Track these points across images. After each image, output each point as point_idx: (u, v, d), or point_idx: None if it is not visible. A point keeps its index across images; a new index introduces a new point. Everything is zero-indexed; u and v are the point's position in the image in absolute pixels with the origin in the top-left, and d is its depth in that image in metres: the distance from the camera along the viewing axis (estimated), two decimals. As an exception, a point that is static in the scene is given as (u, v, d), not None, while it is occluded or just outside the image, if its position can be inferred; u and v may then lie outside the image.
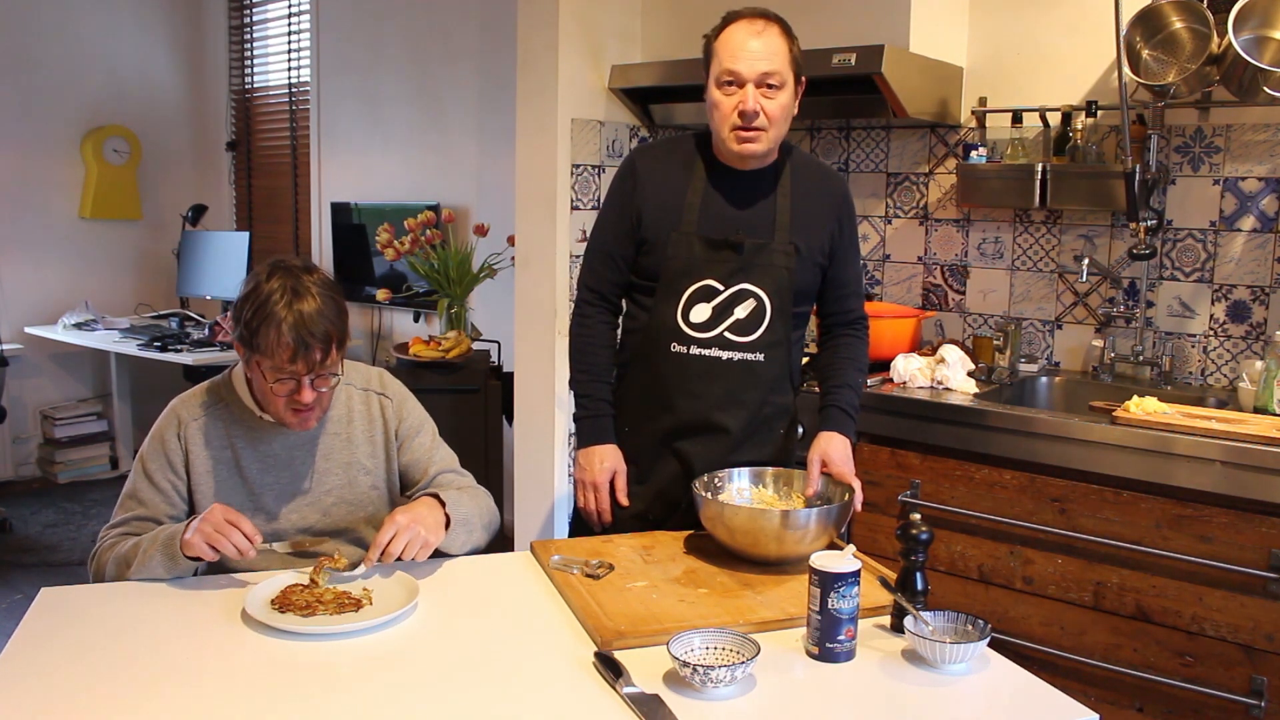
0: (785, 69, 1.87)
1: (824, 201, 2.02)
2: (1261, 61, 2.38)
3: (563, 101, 3.15)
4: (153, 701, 1.31)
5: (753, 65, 1.85)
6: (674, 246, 1.95)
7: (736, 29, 1.88)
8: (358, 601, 1.60)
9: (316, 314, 1.69)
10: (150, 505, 1.78)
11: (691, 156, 2.00)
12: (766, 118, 1.87)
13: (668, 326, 1.96)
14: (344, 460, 1.88)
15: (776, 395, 2.02)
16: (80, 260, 5.55)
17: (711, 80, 1.90)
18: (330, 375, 1.76)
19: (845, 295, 2.09)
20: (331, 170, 5.21)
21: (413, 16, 4.70)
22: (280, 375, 1.70)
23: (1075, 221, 2.91)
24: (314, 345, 1.68)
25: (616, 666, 1.37)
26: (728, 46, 1.87)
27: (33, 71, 5.29)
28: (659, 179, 2.00)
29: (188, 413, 1.83)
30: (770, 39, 1.86)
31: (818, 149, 3.38)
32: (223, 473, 1.81)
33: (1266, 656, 2.12)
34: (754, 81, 1.85)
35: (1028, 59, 2.94)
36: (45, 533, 4.69)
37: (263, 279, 1.72)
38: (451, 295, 3.98)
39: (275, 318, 1.66)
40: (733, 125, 1.88)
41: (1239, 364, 2.66)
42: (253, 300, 1.69)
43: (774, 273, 1.95)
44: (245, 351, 1.73)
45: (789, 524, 1.68)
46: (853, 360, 2.07)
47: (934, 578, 2.46)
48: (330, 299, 1.73)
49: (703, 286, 1.95)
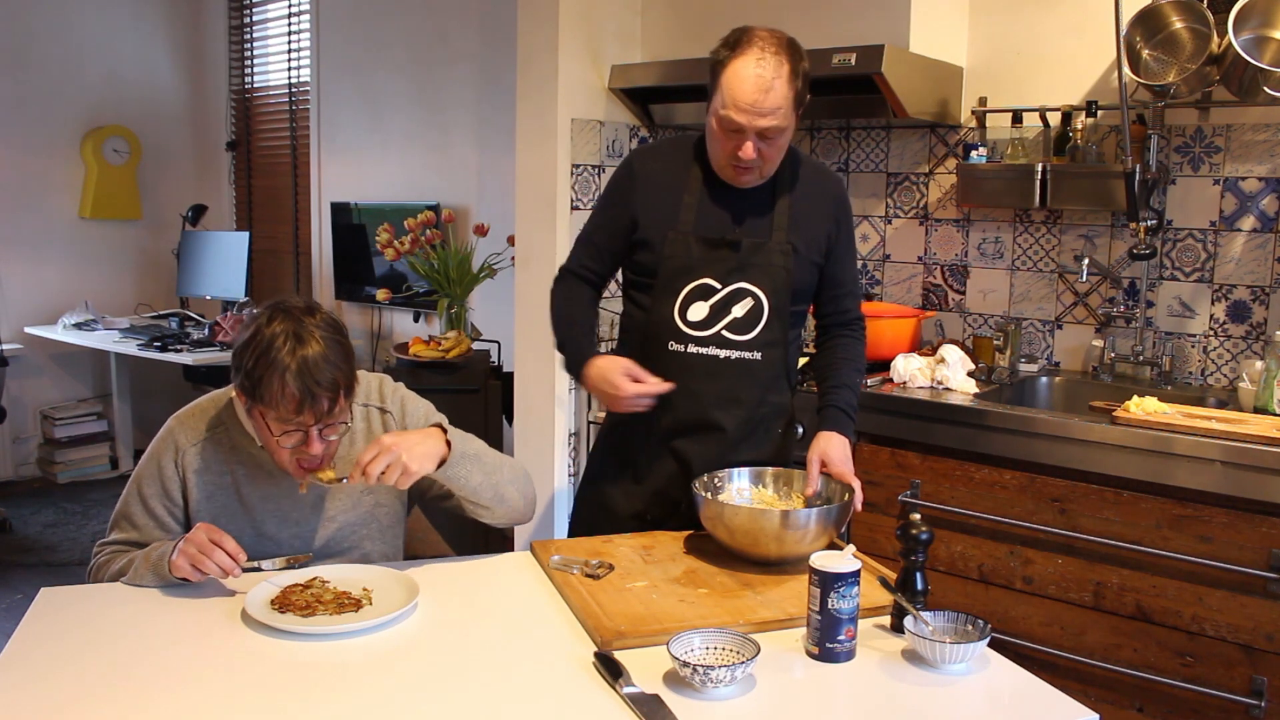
0: (788, 116, 1.83)
1: (821, 201, 2.01)
2: (1261, 61, 2.38)
3: (563, 101, 3.15)
4: (153, 701, 1.31)
5: (755, 122, 1.80)
6: (671, 245, 1.95)
7: (744, 69, 1.79)
8: (358, 601, 1.59)
9: (322, 360, 1.60)
10: (143, 530, 1.76)
11: (690, 158, 1.99)
12: (763, 157, 1.87)
13: (665, 324, 1.96)
14: (347, 485, 1.82)
15: (774, 394, 2.02)
16: (80, 260, 5.55)
17: (713, 113, 1.87)
18: (339, 424, 1.68)
19: (842, 295, 2.09)
20: (331, 170, 5.21)
21: (413, 17, 4.70)
22: (286, 427, 1.62)
23: (1075, 221, 2.91)
24: (321, 395, 1.60)
25: (616, 666, 1.37)
26: (732, 92, 1.80)
27: (33, 71, 5.30)
28: (657, 180, 2.00)
29: (186, 438, 1.77)
30: (777, 92, 1.79)
31: (818, 149, 3.38)
32: (222, 499, 1.77)
33: (1266, 656, 2.12)
34: (754, 133, 1.83)
35: (1028, 59, 2.94)
36: (45, 533, 4.68)
37: (263, 324, 1.63)
38: (451, 295, 3.98)
39: (279, 365, 1.58)
40: (730, 161, 1.88)
41: (1239, 364, 2.66)
42: (254, 347, 1.61)
43: (772, 272, 1.95)
44: (248, 401, 1.65)
45: (789, 524, 1.68)
46: (850, 360, 2.06)
47: (934, 578, 2.46)
48: (335, 342, 1.65)
49: (700, 285, 1.94)
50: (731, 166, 1.89)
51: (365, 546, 1.85)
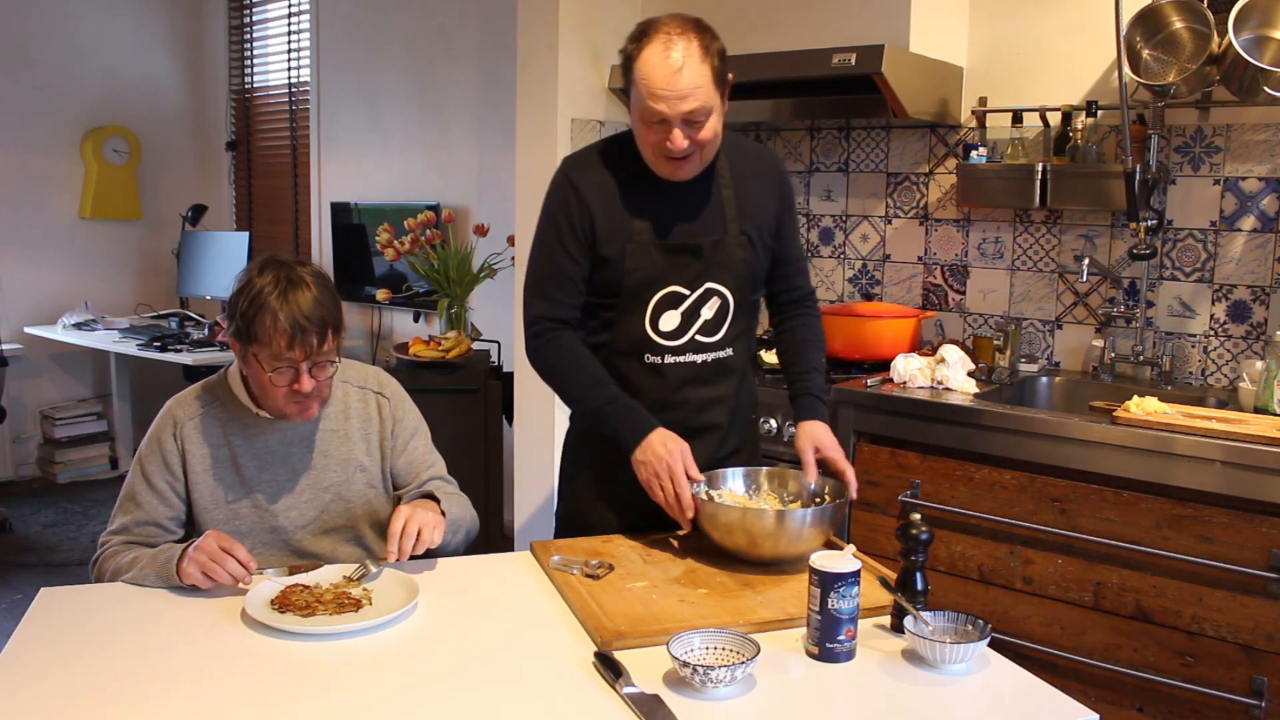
0: (710, 95, 1.76)
1: (764, 182, 1.97)
2: (1262, 61, 2.38)
3: (563, 101, 3.15)
4: (152, 701, 1.31)
5: (676, 106, 1.73)
6: (632, 258, 1.87)
7: (654, 57, 1.73)
8: (358, 601, 1.59)
9: (312, 301, 1.71)
10: (147, 508, 1.79)
11: (625, 162, 1.90)
12: (696, 143, 1.79)
13: (637, 338, 1.90)
14: (341, 457, 1.88)
15: (746, 382, 2.04)
16: (80, 260, 5.55)
17: (633, 108, 1.81)
18: (328, 363, 1.76)
19: (792, 273, 2.05)
20: (331, 170, 5.21)
21: (413, 16, 4.70)
22: (278, 364, 1.70)
23: (1075, 221, 2.91)
24: (310, 331, 1.70)
25: (616, 666, 1.37)
26: (647, 82, 1.74)
27: (33, 71, 5.30)
28: (600, 190, 1.90)
29: (183, 412, 1.83)
30: (691, 70, 1.72)
31: (818, 149, 3.38)
32: (220, 470, 1.82)
33: (1266, 656, 2.12)
34: (679, 120, 1.76)
35: (1028, 59, 2.94)
36: (45, 533, 4.69)
37: (255, 274, 1.73)
38: (451, 295, 3.98)
39: (270, 306, 1.68)
40: (663, 155, 1.81)
41: (1239, 364, 2.66)
42: (246, 293, 1.71)
43: (733, 267, 1.91)
44: (241, 346, 1.74)
45: (784, 524, 1.68)
46: (812, 341, 2.05)
47: (934, 578, 2.45)
48: (324, 287, 1.75)
49: (668, 293, 1.89)
50: (666, 161, 1.81)
51: (359, 528, 1.90)
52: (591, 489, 2.01)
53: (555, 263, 1.89)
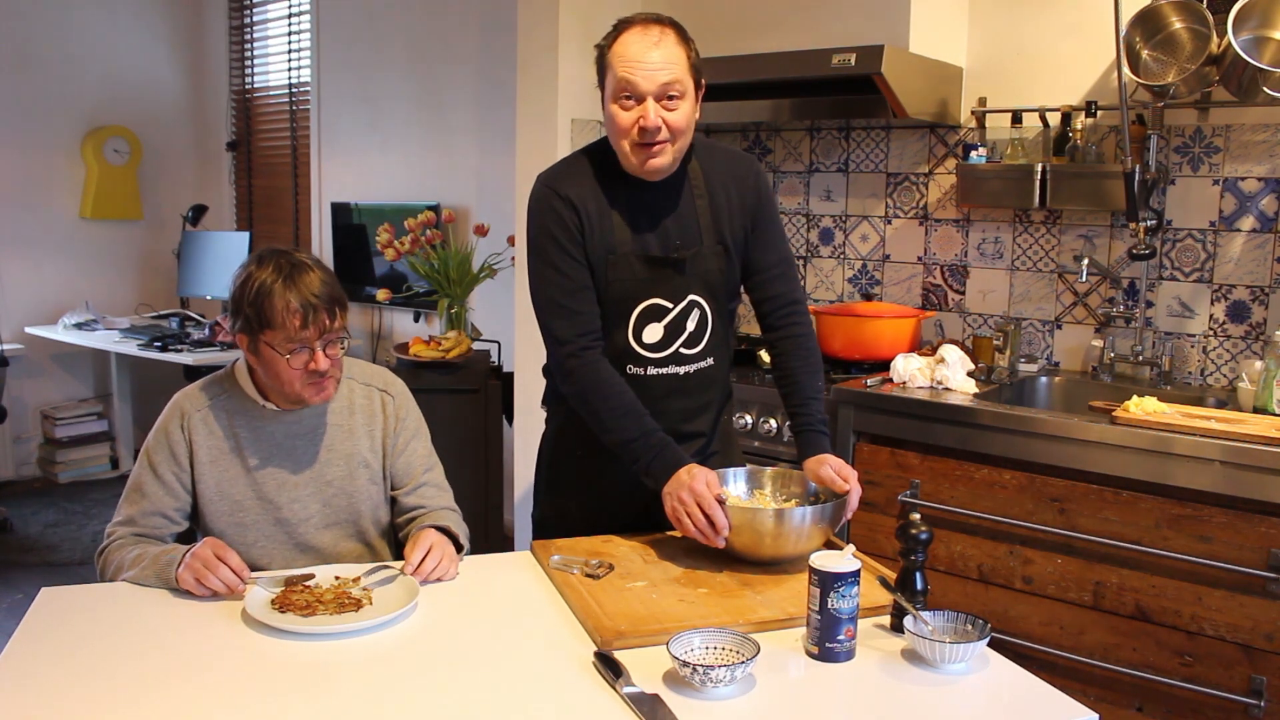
0: (685, 76, 1.79)
1: (738, 188, 1.94)
2: (1261, 61, 2.38)
3: (563, 101, 3.15)
4: (153, 701, 1.31)
5: (651, 77, 1.75)
6: (614, 269, 1.87)
7: (631, 38, 1.77)
8: (358, 601, 1.60)
9: (319, 280, 1.76)
10: (153, 498, 1.80)
11: (598, 174, 1.90)
12: (669, 129, 1.79)
13: (620, 349, 1.90)
14: (345, 451, 1.89)
15: (726, 387, 2.05)
16: (80, 260, 5.55)
17: (608, 94, 1.82)
18: (339, 339, 1.80)
19: (773, 279, 1.98)
20: (331, 170, 5.21)
21: (413, 17, 4.70)
22: (293, 345, 1.73)
23: (1075, 221, 2.91)
24: (322, 308, 1.74)
25: (616, 666, 1.37)
26: (623, 58, 1.76)
27: (33, 71, 5.30)
28: (585, 199, 1.88)
29: (190, 404, 1.85)
30: (668, 47, 1.76)
31: (817, 149, 3.39)
32: (225, 462, 1.83)
33: (1266, 656, 2.12)
34: (654, 95, 1.77)
35: (1028, 59, 2.94)
36: (46, 533, 4.69)
37: (254, 267, 1.76)
38: (451, 295, 3.98)
39: (280, 291, 1.72)
40: (634, 141, 1.80)
41: (1238, 364, 2.66)
42: (250, 285, 1.74)
43: (710, 278, 1.91)
44: (250, 338, 1.76)
45: (783, 523, 1.68)
46: (806, 364, 1.97)
47: (934, 578, 2.46)
48: (325, 269, 1.80)
49: (650, 306, 1.89)
50: (640, 148, 1.80)
51: (362, 524, 1.91)
52: (569, 493, 2.03)
53: (564, 275, 1.86)
